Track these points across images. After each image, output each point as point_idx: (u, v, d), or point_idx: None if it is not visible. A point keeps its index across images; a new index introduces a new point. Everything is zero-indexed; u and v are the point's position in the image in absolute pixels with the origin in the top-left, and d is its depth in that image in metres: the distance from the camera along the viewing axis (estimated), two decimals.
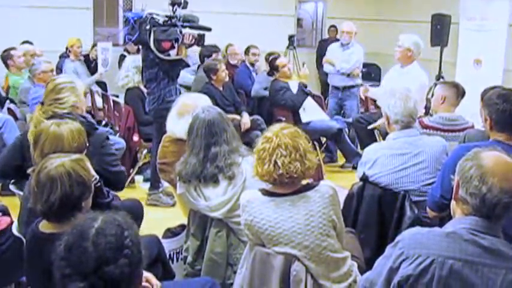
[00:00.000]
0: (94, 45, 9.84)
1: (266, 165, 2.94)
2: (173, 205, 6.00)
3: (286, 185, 2.97)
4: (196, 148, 3.64)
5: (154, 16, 5.63)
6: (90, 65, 9.63)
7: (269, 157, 2.94)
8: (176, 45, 5.65)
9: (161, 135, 4.52)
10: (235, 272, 3.41)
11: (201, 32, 5.80)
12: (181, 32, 5.62)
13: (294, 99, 7.23)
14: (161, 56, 5.67)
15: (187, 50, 6.22)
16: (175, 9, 5.68)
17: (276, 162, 2.91)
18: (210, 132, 3.62)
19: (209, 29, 5.85)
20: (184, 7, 5.74)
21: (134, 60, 7.10)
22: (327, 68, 8.37)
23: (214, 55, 8.07)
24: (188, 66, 7.51)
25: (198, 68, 8.43)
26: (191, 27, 5.74)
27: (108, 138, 4.25)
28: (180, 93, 5.82)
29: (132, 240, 1.93)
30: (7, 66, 7.58)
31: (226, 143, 3.60)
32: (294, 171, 2.91)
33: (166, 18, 5.65)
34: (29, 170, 3.31)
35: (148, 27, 5.58)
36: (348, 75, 8.11)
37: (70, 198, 2.60)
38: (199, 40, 5.82)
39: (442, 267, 2.08)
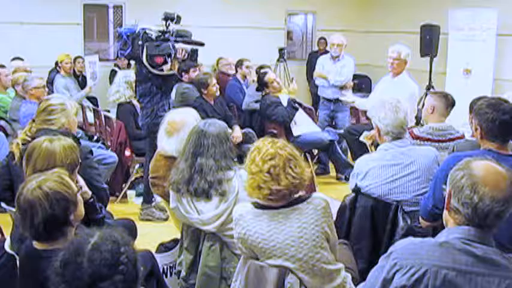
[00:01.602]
0: (77, 57, 9.83)
1: (256, 188, 2.94)
2: (166, 219, 5.99)
3: (279, 198, 2.97)
4: (186, 154, 3.68)
5: (147, 31, 5.64)
6: (78, 79, 9.63)
7: (258, 181, 2.93)
8: (169, 60, 5.65)
9: (154, 150, 4.52)
10: (229, 286, 3.41)
11: (194, 46, 5.81)
12: (174, 47, 5.63)
13: (284, 115, 7.25)
14: (154, 71, 5.68)
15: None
16: (169, 24, 5.70)
17: (264, 181, 2.91)
18: (199, 142, 3.64)
19: (202, 44, 5.86)
20: (178, 22, 5.75)
21: (125, 75, 7.12)
22: (319, 81, 8.37)
23: (192, 70, 8.07)
24: (181, 81, 7.53)
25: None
26: (184, 42, 5.75)
27: (92, 152, 4.28)
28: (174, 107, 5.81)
29: (128, 257, 1.92)
30: None
31: (213, 158, 3.60)
32: (285, 185, 2.91)
33: (159, 33, 5.66)
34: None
35: (141, 42, 5.59)
36: (342, 87, 8.11)
37: (54, 217, 2.56)
38: (193, 55, 5.83)
39: (436, 277, 2.09)
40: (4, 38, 9.63)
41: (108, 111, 8.18)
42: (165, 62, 5.64)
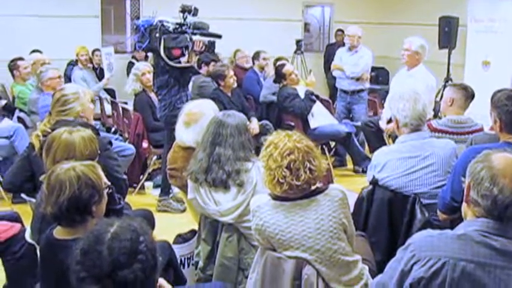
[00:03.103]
0: (95, 50, 9.88)
1: (275, 179, 2.93)
2: (183, 211, 6.02)
3: (298, 192, 2.97)
4: (204, 144, 3.70)
5: (165, 24, 5.65)
6: (95, 71, 9.69)
7: (274, 175, 2.92)
8: (186, 52, 5.67)
9: (172, 142, 4.54)
10: (246, 277, 3.42)
11: (211, 39, 5.82)
12: (191, 39, 5.64)
13: (302, 107, 7.24)
14: (171, 63, 5.70)
15: (197, 57, 6.21)
16: (186, 17, 5.71)
17: (279, 180, 2.90)
18: (217, 132, 3.66)
19: (219, 36, 5.86)
20: (195, 14, 5.76)
21: (135, 68, 7.18)
22: (336, 73, 8.36)
23: (212, 63, 8.10)
24: (198, 73, 7.53)
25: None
26: (201, 34, 5.76)
27: (111, 143, 4.31)
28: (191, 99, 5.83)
29: (147, 246, 1.94)
30: (13, 76, 7.63)
31: (231, 148, 3.61)
32: (304, 180, 2.90)
33: (177, 26, 5.67)
34: (42, 178, 3.34)
35: (158, 34, 5.61)
36: (358, 79, 8.10)
37: (79, 199, 2.62)
38: (210, 47, 5.84)
39: (454, 270, 2.08)
40: (22, 31, 9.69)
41: (126, 103, 8.21)
42: (183, 55, 5.66)
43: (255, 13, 11.44)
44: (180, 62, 5.73)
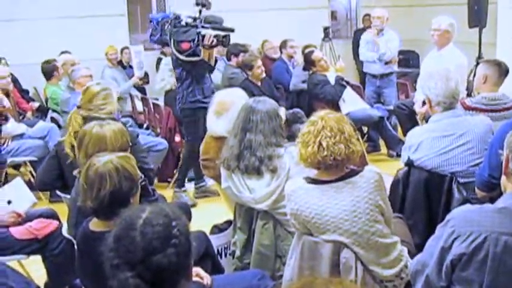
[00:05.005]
0: (123, 48, 9.94)
1: (310, 147, 2.90)
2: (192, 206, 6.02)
3: (331, 170, 2.94)
4: (235, 130, 3.69)
5: (178, 17, 5.68)
6: (125, 69, 9.75)
7: (314, 139, 2.90)
8: (194, 45, 5.67)
9: (190, 134, 4.55)
10: (284, 264, 3.40)
11: (223, 32, 5.79)
12: (199, 33, 5.63)
13: (333, 92, 7.21)
14: (180, 56, 5.74)
15: (212, 51, 6.13)
16: (201, 10, 5.72)
17: (320, 143, 2.88)
18: (248, 118, 3.65)
19: (232, 30, 5.83)
20: (208, 8, 5.76)
21: (167, 63, 7.19)
22: (363, 55, 8.27)
23: (241, 54, 8.08)
24: (212, 67, 7.52)
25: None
26: (213, 28, 5.74)
27: (138, 136, 4.35)
28: (212, 93, 5.78)
29: (180, 230, 1.93)
30: (50, 77, 7.67)
31: (262, 134, 3.59)
32: (338, 153, 2.87)
33: (189, 19, 5.68)
34: (75, 172, 3.36)
35: (169, 28, 5.66)
36: (387, 62, 8.01)
37: (119, 193, 2.64)
38: (223, 41, 5.81)
39: (496, 244, 2.03)
40: (50, 34, 9.76)
41: (157, 99, 8.25)
42: (191, 48, 5.67)
43: (281, 3, 11.33)
44: (197, 55, 5.73)
